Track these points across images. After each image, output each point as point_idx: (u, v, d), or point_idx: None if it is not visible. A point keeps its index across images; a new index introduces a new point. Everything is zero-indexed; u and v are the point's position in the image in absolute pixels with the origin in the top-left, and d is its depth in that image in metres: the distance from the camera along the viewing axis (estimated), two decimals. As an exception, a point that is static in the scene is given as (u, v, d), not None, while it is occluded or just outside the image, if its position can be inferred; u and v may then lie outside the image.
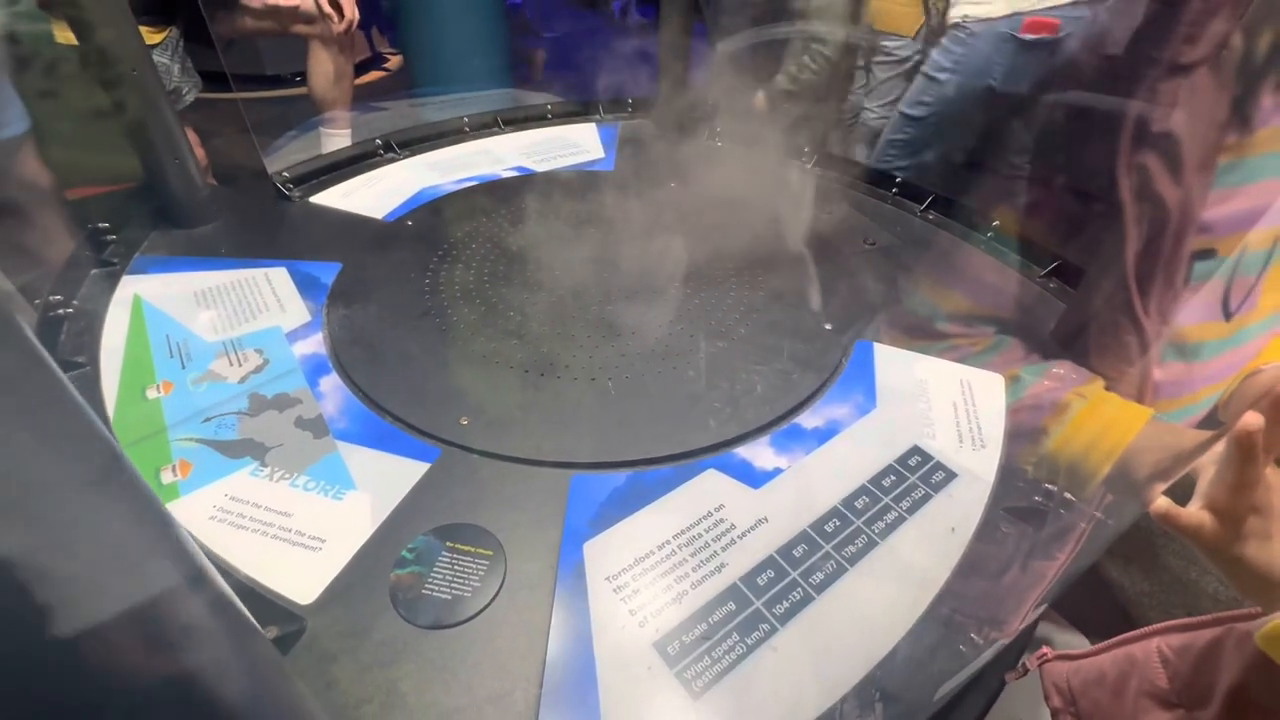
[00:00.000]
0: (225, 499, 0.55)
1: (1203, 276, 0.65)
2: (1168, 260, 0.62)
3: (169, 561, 0.21)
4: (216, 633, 0.23)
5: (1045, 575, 0.52)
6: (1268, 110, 0.59)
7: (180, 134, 0.86)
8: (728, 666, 0.46)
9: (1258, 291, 0.65)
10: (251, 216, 0.95)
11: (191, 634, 0.22)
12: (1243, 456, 0.31)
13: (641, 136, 1.27)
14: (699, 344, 0.74)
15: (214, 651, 0.23)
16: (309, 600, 0.49)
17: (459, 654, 0.46)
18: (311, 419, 0.63)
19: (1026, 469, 0.60)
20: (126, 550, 0.18)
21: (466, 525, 0.54)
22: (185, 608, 0.22)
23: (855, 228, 1.00)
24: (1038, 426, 0.63)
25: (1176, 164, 0.59)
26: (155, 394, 0.65)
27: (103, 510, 0.18)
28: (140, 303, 0.76)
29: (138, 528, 0.19)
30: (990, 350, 0.73)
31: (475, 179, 1.07)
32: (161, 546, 0.21)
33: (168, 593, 0.21)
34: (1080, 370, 0.69)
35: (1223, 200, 0.61)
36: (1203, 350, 0.69)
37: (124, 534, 0.18)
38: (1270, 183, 0.61)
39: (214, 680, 0.22)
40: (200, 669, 0.22)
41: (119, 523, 0.18)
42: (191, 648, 0.22)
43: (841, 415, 0.67)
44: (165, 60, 1.23)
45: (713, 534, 0.55)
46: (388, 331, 0.74)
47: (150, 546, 0.20)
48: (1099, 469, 0.58)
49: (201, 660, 0.22)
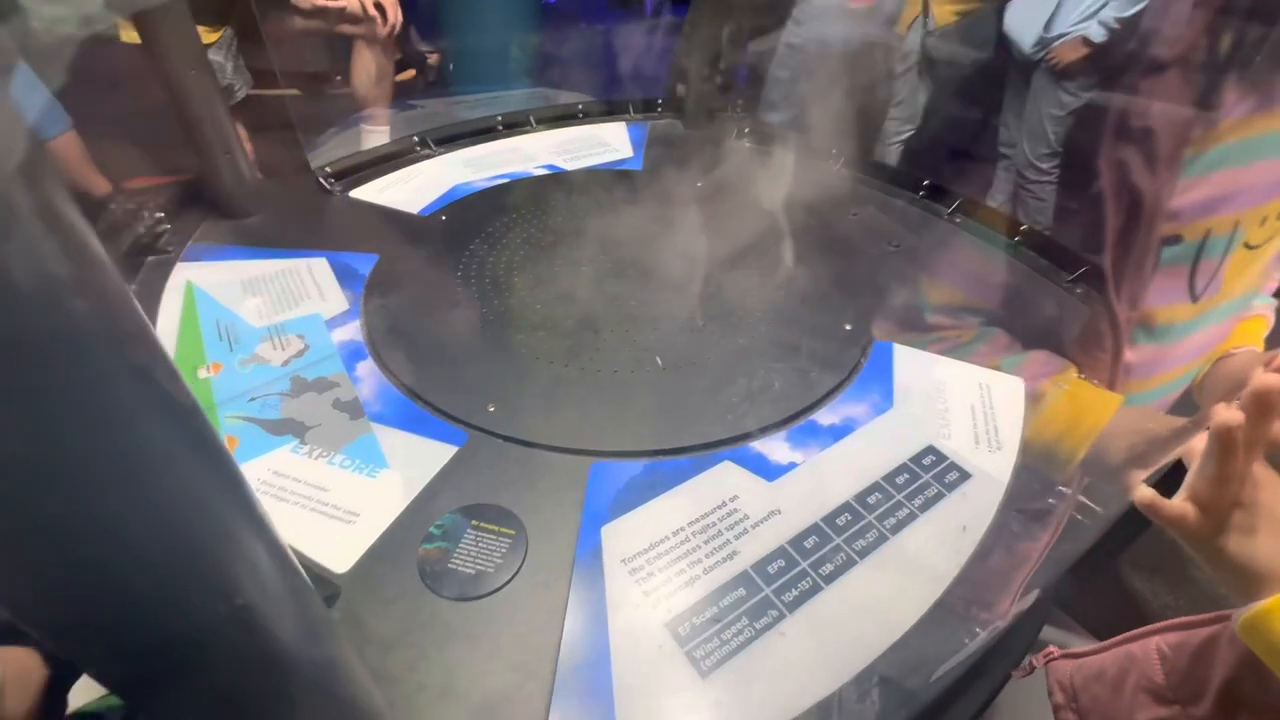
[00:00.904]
0: (269, 473, 0.59)
1: (1170, 261, 0.68)
2: (1140, 249, 0.66)
3: (245, 519, 0.24)
4: (280, 583, 0.26)
5: (1041, 570, 0.52)
6: (1230, 103, 0.62)
7: (231, 130, 0.91)
8: (736, 648, 0.48)
9: (1221, 274, 0.68)
10: (295, 209, 1.00)
11: (259, 580, 0.25)
12: (1223, 451, 0.31)
13: (670, 136, 1.29)
14: (720, 339, 0.76)
15: (277, 600, 0.26)
16: (344, 569, 0.52)
17: (481, 625, 0.49)
18: (348, 401, 0.67)
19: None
20: (210, 506, 0.22)
21: (491, 506, 0.57)
22: (258, 559, 0.25)
23: (880, 229, 1.00)
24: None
25: (1152, 157, 0.63)
26: (206, 374, 0.69)
27: (195, 474, 0.21)
28: (192, 289, 0.81)
29: (221, 489, 0.22)
30: (976, 340, 0.75)
31: (507, 176, 1.10)
32: (240, 505, 0.24)
33: (246, 546, 0.24)
34: (1056, 359, 0.72)
35: (1188, 189, 0.65)
36: (1171, 331, 0.72)
37: (210, 493, 0.21)
38: (1230, 171, 0.64)
39: (275, 625, 0.25)
40: (265, 615, 0.25)
41: (207, 484, 0.21)
42: (259, 594, 0.24)
43: (858, 413, 0.68)
44: (219, 59, 1.29)
45: (726, 523, 0.57)
46: (421, 320, 0.78)
47: (229, 503, 0.23)
48: (1073, 455, 0.61)
49: (266, 608, 0.25)
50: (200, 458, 0.21)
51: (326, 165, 1.06)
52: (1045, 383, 0.68)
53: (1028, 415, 0.67)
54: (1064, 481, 0.61)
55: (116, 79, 1.08)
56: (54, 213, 0.15)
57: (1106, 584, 1.23)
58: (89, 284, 0.16)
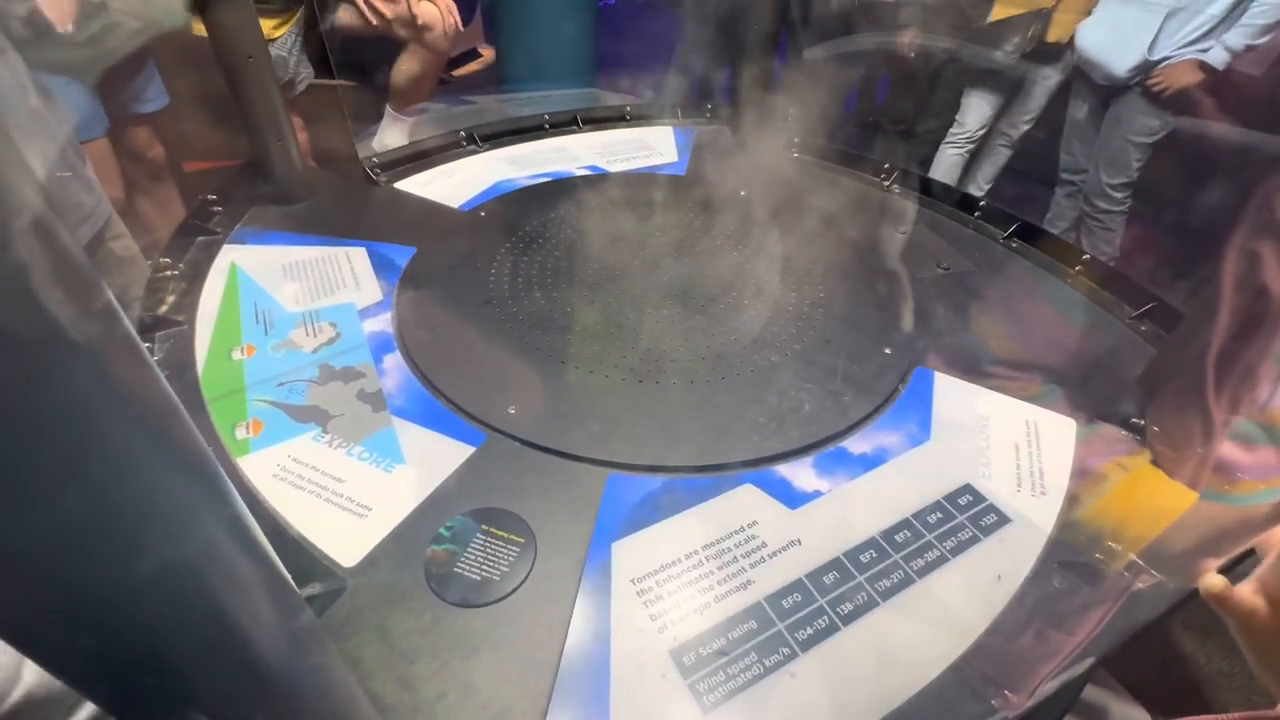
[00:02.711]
0: (289, 459, 0.60)
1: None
2: (1257, 353, 0.58)
3: (219, 524, 0.23)
4: (258, 594, 0.25)
5: (1093, 636, 0.48)
6: None
7: (286, 119, 0.93)
8: (741, 685, 0.46)
9: None
10: (341, 198, 1.02)
11: (235, 590, 0.24)
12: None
13: (717, 143, 1.26)
14: (752, 356, 0.73)
15: (254, 610, 0.25)
16: (351, 563, 0.52)
17: (481, 633, 0.48)
18: (372, 393, 0.67)
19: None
20: (178, 507, 0.21)
21: (503, 511, 0.56)
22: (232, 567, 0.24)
23: (929, 250, 0.96)
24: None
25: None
26: (239, 356, 0.70)
27: (157, 468, 0.20)
28: (236, 270, 0.83)
29: (190, 486, 0.21)
30: (1037, 399, 0.69)
31: (549, 175, 1.10)
32: (212, 507, 0.23)
33: (216, 552, 0.23)
34: (1128, 439, 0.66)
35: None
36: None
37: (177, 491, 0.20)
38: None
39: (251, 635, 0.24)
40: (241, 625, 0.24)
41: (173, 480, 0.20)
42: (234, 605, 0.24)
43: (891, 444, 0.65)
44: (283, 54, 1.33)
45: (743, 549, 0.54)
46: (451, 316, 0.77)
47: (201, 505, 0.22)
48: (1135, 543, 0.55)
49: (242, 617, 0.24)
50: (168, 460, 0.20)
51: (374, 156, 1.08)
52: (1109, 463, 0.63)
53: (1086, 496, 0.61)
54: (1113, 538, 0.56)
55: (185, 69, 1.12)
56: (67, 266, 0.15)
57: (1154, 644, 1.14)
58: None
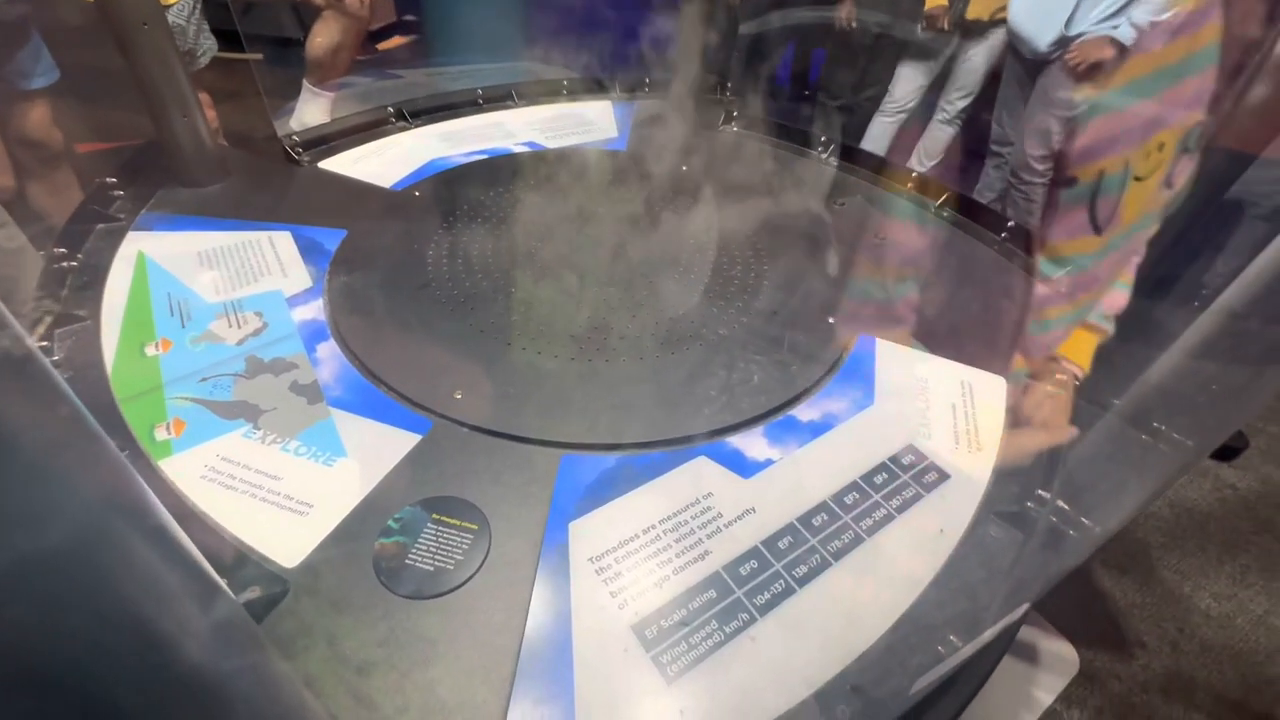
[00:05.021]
0: (217, 459, 0.56)
1: (1071, 201, 0.78)
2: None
3: (135, 530, 0.21)
4: (183, 599, 0.23)
5: (1029, 582, 0.51)
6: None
7: (191, 92, 0.86)
8: (704, 653, 0.46)
9: (1120, 207, 0.77)
10: (259, 179, 0.95)
11: (158, 598, 0.22)
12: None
13: (657, 118, 1.25)
14: (698, 329, 0.73)
15: (181, 619, 0.23)
16: (293, 564, 0.49)
17: (438, 625, 0.47)
18: (306, 384, 0.63)
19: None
20: (89, 516, 0.18)
21: (453, 499, 0.54)
22: (153, 575, 0.22)
23: (866, 221, 0.98)
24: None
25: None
26: (154, 351, 0.65)
27: (66, 475, 0.17)
28: (144, 259, 0.76)
29: (99, 491, 0.19)
30: (969, 359, 0.75)
31: (486, 152, 1.06)
32: (128, 513, 0.21)
33: (134, 562, 0.21)
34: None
35: (1080, 135, 0.76)
36: (1077, 261, 0.83)
37: (87, 501, 0.18)
38: (1111, 116, 0.76)
39: (179, 646, 0.22)
40: (168, 636, 0.22)
41: (84, 488, 0.18)
42: (158, 613, 0.22)
43: (838, 409, 0.66)
44: (180, 22, 1.22)
45: (699, 521, 0.55)
46: (387, 301, 0.74)
47: (117, 511, 0.20)
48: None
49: (169, 628, 0.22)
50: (70, 464, 0.18)
51: (294, 134, 1.01)
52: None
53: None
54: (1043, 486, 0.60)
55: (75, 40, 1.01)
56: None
57: (1076, 582, 1.24)
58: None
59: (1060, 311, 0.82)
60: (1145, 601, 1.27)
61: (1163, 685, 1.14)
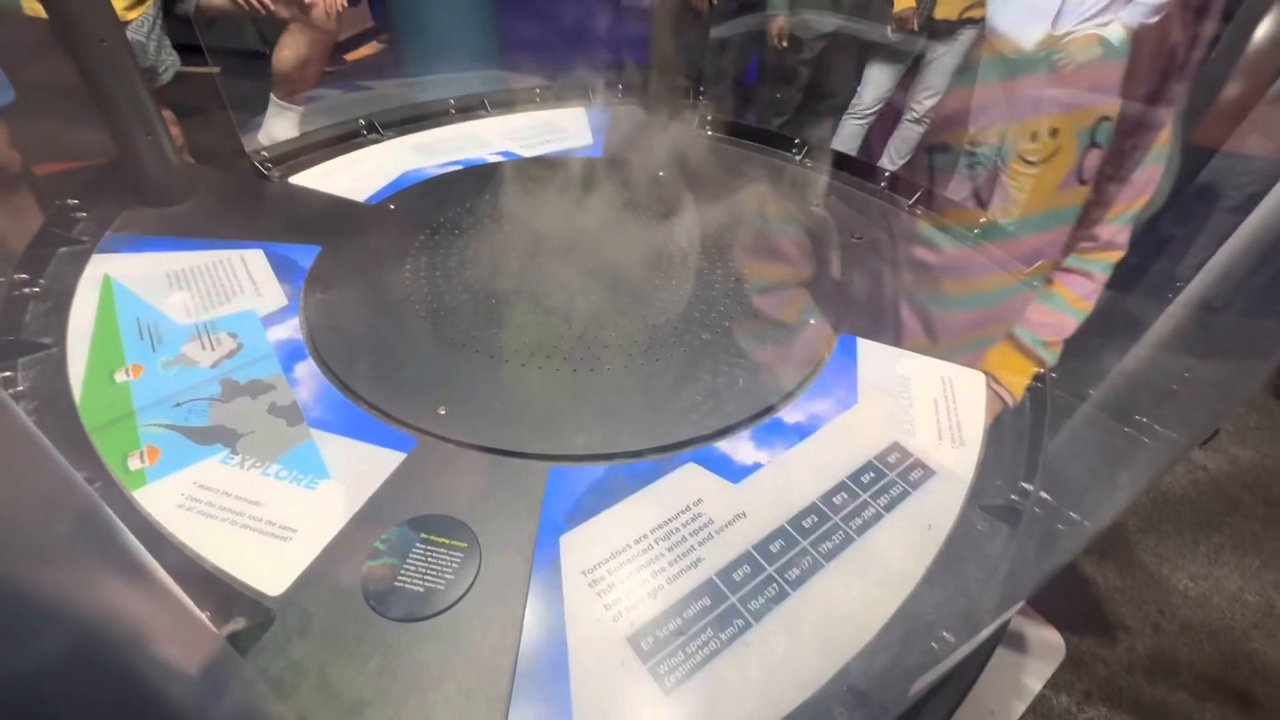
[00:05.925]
0: (194, 487, 0.54)
1: (944, 168, 0.87)
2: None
3: (106, 559, 0.20)
4: (160, 632, 0.22)
5: (1021, 577, 0.52)
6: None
7: (154, 108, 0.83)
8: (701, 662, 0.46)
9: (1005, 184, 0.84)
10: (228, 196, 0.93)
11: (134, 633, 0.21)
12: None
13: (631, 123, 1.25)
14: (681, 336, 0.73)
15: (157, 650, 0.22)
16: (278, 592, 0.48)
17: (430, 647, 0.46)
18: (285, 406, 0.62)
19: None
20: (53, 547, 0.18)
21: (442, 517, 0.54)
22: (126, 607, 0.21)
23: (843, 221, 0.99)
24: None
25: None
26: (124, 377, 0.63)
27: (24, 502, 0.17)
28: (110, 282, 0.74)
29: (65, 527, 0.18)
30: (949, 355, 0.76)
31: (460, 163, 1.05)
32: (99, 544, 0.20)
33: (105, 592, 0.20)
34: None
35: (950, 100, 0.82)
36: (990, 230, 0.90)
37: (49, 530, 0.18)
38: (986, 86, 0.83)
39: (158, 677, 0.22)
40: (144, 667, 0.21)
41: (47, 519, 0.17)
42: (135, 648, 0.21)
43: (823, 410, 0.67)
44: (140, 39, 1.19)
45: (690, 528, 0.55)
46: (366, 317, 0.73)
47: (82, 542, 0.19)
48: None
49: (145, 659, 0.21)
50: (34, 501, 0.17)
51: (263, 149, 0.99)
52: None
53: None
54: (1026, 479, 0.61)
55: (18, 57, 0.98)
56: None
57: (1061, 570, 1.26)
58: None
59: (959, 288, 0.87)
60: (1126, 585, 1.30)
61: (1146, 666, 1.17)
